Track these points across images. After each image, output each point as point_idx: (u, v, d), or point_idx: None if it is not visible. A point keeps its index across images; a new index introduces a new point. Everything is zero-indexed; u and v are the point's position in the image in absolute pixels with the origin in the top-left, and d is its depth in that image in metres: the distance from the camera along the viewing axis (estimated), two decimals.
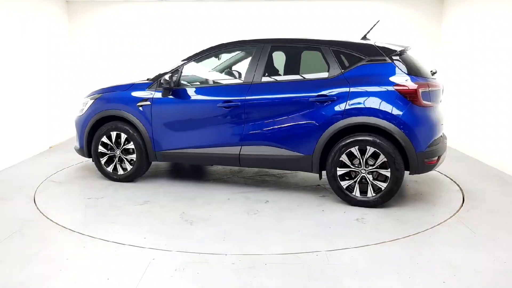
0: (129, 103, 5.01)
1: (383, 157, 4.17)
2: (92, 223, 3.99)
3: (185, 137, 4.86)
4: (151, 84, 5.00)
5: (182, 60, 5.03)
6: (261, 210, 4.31)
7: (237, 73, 5.38)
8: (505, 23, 5.69)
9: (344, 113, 4.27)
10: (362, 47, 4.44)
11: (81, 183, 5.24)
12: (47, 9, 7.26)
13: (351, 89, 4.29)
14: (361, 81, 4.29)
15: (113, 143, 5.13)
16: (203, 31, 7.94)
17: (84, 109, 5.32)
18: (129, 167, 5.13)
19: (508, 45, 5.63)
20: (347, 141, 4.26)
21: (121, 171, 5.18)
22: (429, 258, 3.28)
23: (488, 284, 2.93)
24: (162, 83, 4.79)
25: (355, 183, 4.31)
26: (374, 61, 4.34)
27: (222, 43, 4.99)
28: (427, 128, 4.24)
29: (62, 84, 7.73)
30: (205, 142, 4.79)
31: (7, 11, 6.06)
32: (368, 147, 4.20)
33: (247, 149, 4.64)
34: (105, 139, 5.14)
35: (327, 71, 4.45)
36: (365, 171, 4.26)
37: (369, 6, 7.82)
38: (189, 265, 3.17)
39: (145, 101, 4.95)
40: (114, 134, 5.10)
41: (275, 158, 4.57)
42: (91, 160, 5.40)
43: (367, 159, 4.24)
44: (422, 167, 4.22)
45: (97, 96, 5.26)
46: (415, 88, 4.14)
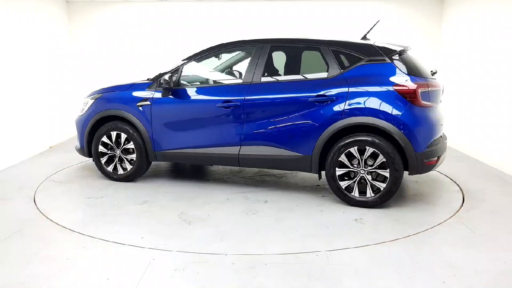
0: (129, 103, 5.02)
1: (382, 157, 4.16)
2: (91, 222, 4.00)
3: (185, 137, 4.86)
4: (151, 84, 5.01)
5: (182, 60, 5.03)
6: (260, 210, 4.31)
7: (238, 73, 5.38)
8: (505, 23, 5.69)
9: (343, 113, 4.26)
10: (362, 47, 4.44)
11: (81, 182, 5.24)
12: (47, 9, 7.26)
13: (350, 89, 4.28)
14: (360, 81, 4.28)
15: (113, 143, 5.14)
16: (203, 31, 7.94)
17: (85, 109, 5.33)
18: (129, 167, 5.13)
19: (508, 45, 5.63)
20: (346, 141, 4.25)
21: (121, 171, 5.19)
22: (429, 258, 3.28)
23: (488, 284, 2.93)
24: (161, 83, 4.80)
25: (354, 183, 4.31)
26: (373, 61, 4.33)
27: (222, 43, 4.99)
28: (426, 128, 4.23)
29: (62, 84, 7.73)
30: (204, 142, 4.79)
31: (7, 11, 6.06)
32: (367, 147, 4.19)
33: (247, 149, 4.64)
34: (105, 139, 5.15)
35: (326, 71, 4.45)
36: (364, 171, 4.26)
37: (369, 6, 7.82)
38: (189, 265, 3.18)
39: (145, 101, 4.96)
40: (114, 134, 5.11)
41: (274, 158, 4.57)
42: (92, 160, 5.41)
43: (366, 159, 4.23)
44: (422, 167, 4.21)
45: (97, 96, 5.27)
46: (414, 88, 4.13)
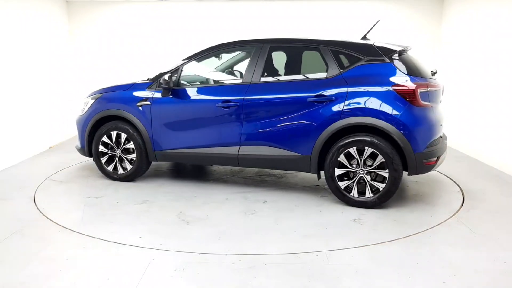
0: (129, 103, 5.02)
1: (381, 157, 4.15)
2: (91, 222, 4.00)
3: (184, 137, 4.86)
4: (151, 84, 5.01)
5: (181, 60, 5.03)
6: (259, 210, 4.31)
7: (238, 73, 5.38)
8: (505, 23, 5.69)
9: (342, 113, 4.25)
10: (361, 47, 4.43)
11: (81, 182, 5.24)
12: (47, 9, 7.26)
13: (350, 89, 4.27)
14: (360, 81, 4.27)
15: (113, 142, 5.14)
16: (203, 31, 7.94)
17: (85, 108, 5.34)
18: (129, 167, 5.14)
19: (508, 45, 5.63)
20: (345, 142, 4.24)
21: (121, 171, 5.19)
22: (429, 258, 3.28)
23: (488, 284, 2.93)
24: (161, 83, 4.79)
25: (353, 183, 4.30)
26: (372, 61, 4.32)
27: (222, 43, 4.99)
28: (425, 128, 4.22)
29: (62, 84, 7.73)
30: (204, 142, 4.79)
31: (7, 11, 6.06)
32: (366, 147, 4.18)
33: (246, 149, 4.64)
34: (105, 139, 5.15)
35: (325, 71, 4.44)
36: (363, 172, 4.25)
37: (369, 6, 7.82)
38: (189, 265, 3.17)
39: (144, 101, 4.96)
40: (114, 134, 5.11)
41: (274, 158, 4.56)
42: (92, 159, 5.42)
43: (365, 160, 4.22)
44: (421, 167, 4.20)
45: (97, 96, 5.28)
46: (413, 88, 4.12)
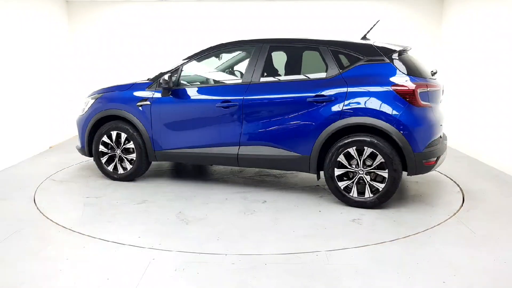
0: (129, 103, 5.03)
1: (380, 157, 4.14)
2: (91, 222, 4.00)
3: (184, 137, 4.86)
4: (151, 84, 5.01)
5: (181, 60, 5.03)
6: (258, 210, 4.30)
7: (238, 73, 5.38)
8: (505, 23, 5.69)
9: (342, 113, 4.25)
10: (361, 47, 4.43)
11: (81, 182, 5.24)
12: (47, 9, 7.26)
13: (349, 89, 4.27)
14: (359, 81, 4.27)
15: (113, 142, 5.14)
16: (203, 31, 7.94)
17: (86, 108, 5.34)
18: (129, 167, 5.14)
19: (508, 45, 5.63)
20: (345, 142, 4.24)
21: (121, 170, 5.19)
22: (429, 258, 3.28)
23: (488, 284, 2.93)
24: (161, 83, 4.79)
25: (353, 183, 4.30)
26: (372, 61, 4.31)
27: (222, 43, 4.99)
28: (425, 128, 4.21)
29: (62, 84, 7.73)
30: (203, 142, 4.79)
31: (7, 11, 6.07)
32: (365, 147, 4.18)
33: (245, 149, 4.64)
34: (105, 139, 5.15)
35: (325, 71, 4.44)
36: (362, 172, 4.25)
37: (369, 6, 7.82)
38: (189, 265, 3.17)
39: (144, 100, 4.96)
40: (114, 134, 5.11)
41: (273, 158, 4.56)
42: (92, 159, 5.41)
43: (364, 160, 4.22)
44: (421, 168, 4.19)
45: (98, 96, 5.28)
46: (413, 88, 4.11)
